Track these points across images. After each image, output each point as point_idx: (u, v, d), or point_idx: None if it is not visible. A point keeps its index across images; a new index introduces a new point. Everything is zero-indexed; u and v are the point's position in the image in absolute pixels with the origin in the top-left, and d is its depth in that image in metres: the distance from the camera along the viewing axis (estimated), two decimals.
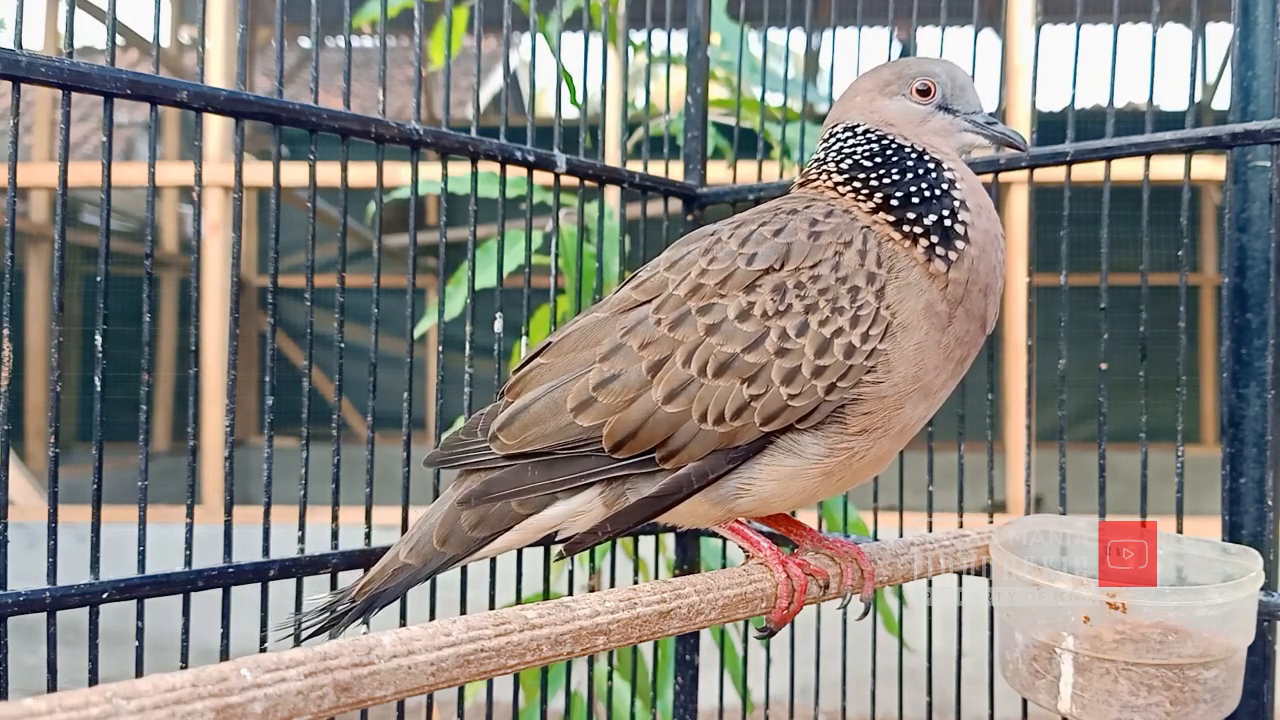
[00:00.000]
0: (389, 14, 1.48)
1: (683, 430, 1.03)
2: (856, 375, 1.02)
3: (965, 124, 1.17)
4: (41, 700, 0.60)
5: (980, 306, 1.09)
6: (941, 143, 1.16)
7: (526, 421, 1.08)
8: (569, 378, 1.08)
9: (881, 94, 1.18)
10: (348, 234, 1.37)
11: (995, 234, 1.11)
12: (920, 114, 1.16)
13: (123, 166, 5.40)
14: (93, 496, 1.12)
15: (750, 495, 1.06)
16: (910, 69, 1.18)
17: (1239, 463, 1.31)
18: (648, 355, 1.05)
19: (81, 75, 1.08)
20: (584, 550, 1.10)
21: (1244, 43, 1.35)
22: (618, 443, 1.04)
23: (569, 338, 1.13)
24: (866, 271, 1.04)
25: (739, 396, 1.02)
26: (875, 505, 1.63)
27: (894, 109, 1.17)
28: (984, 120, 1.18)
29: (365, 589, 1.12)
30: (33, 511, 4.63)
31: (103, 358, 1.13)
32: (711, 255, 1.09)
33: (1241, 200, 1.33)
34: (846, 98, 1.21)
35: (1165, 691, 1.06)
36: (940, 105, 1.17)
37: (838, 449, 1.04)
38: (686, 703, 1.70)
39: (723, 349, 1.03)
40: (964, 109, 1.18)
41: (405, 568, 1.11)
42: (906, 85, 1.17)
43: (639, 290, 1.11)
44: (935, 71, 1.17)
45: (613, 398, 1.05)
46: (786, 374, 1.02)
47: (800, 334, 1.02)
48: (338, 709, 0.74)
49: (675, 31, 1.81)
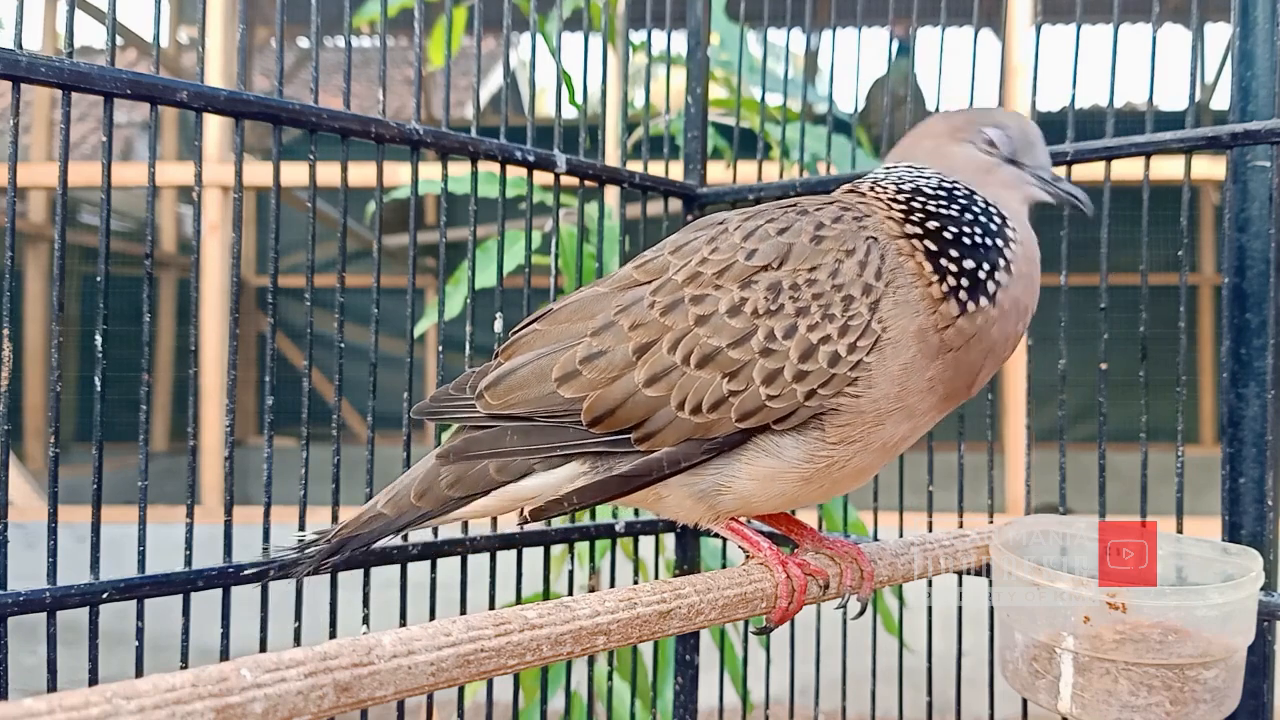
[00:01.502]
0: (389, 14, 1.48)
1: (659, 415, 1.04)
2: (838, 385, 1.02)
3: (1031, 179, 1.17)
4: (41, 700, 0.60)
5: (976, 365, 1.07)
6: (1008, 196, 1.15)
7: (512, 384, 1.09)
8: (559, 347, 1.09)
9: (951, 139, 1.17)
10: (350, 234, 1.37)
11: (1025, 305, 1.10)
12: (987, 164, 1.16)
13: (121, 166, 5.40)
14: (92, 496, 1.12)
15: (731, 493, 1.07)
16: (983, 119, 1.17)
17: (1238, 463, 1.31)
18: (636, 337, 1.06)
19: (81, 75, 1.08)
20: (548, 517, 1.10)
21: (1243, 43, 1.35)
22: (596, 418, 1.05)
23: (566, 307, 1.14)
24: (864, 282, 1.03)
25: (718, 390, 1.03)
26: (875, 505, 1.63)
27: (961, 156, 1.16)
28: (1050, 178, 1.18)
29: (340, 533, 1.12)
30: (32, 511, 4.63)
31: (102, 358, 1.13)
32: (715, 245, 1.09)
33: (1241, 200, 1.33)
34: (915, 138, 1.21)
35: (1165, 691, 1.06)
36: (1008, 158, 1.16)
37: (817, 456, 1.04)
38: (686, 703, 1.70)
39: (709, 341, 1.04)
40: (1031, 164, 1.17)
41: (379, 516, 1.11)
42: (977, 133, 1.16)
43: (641, 270, 1.12)
44: (1006, 123, 1.17)
45: (597, 373, 1.06)
46: (768, 374, 1.02)
47: (787, 336, 1.02)
48: (338, 709, 0.74)
49: (675, 32, 1.81)
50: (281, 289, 1.26)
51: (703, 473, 1.06)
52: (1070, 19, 1.52)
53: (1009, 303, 1.07)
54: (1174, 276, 1.39)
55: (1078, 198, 1.17)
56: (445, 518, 1.12)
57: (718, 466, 1.06)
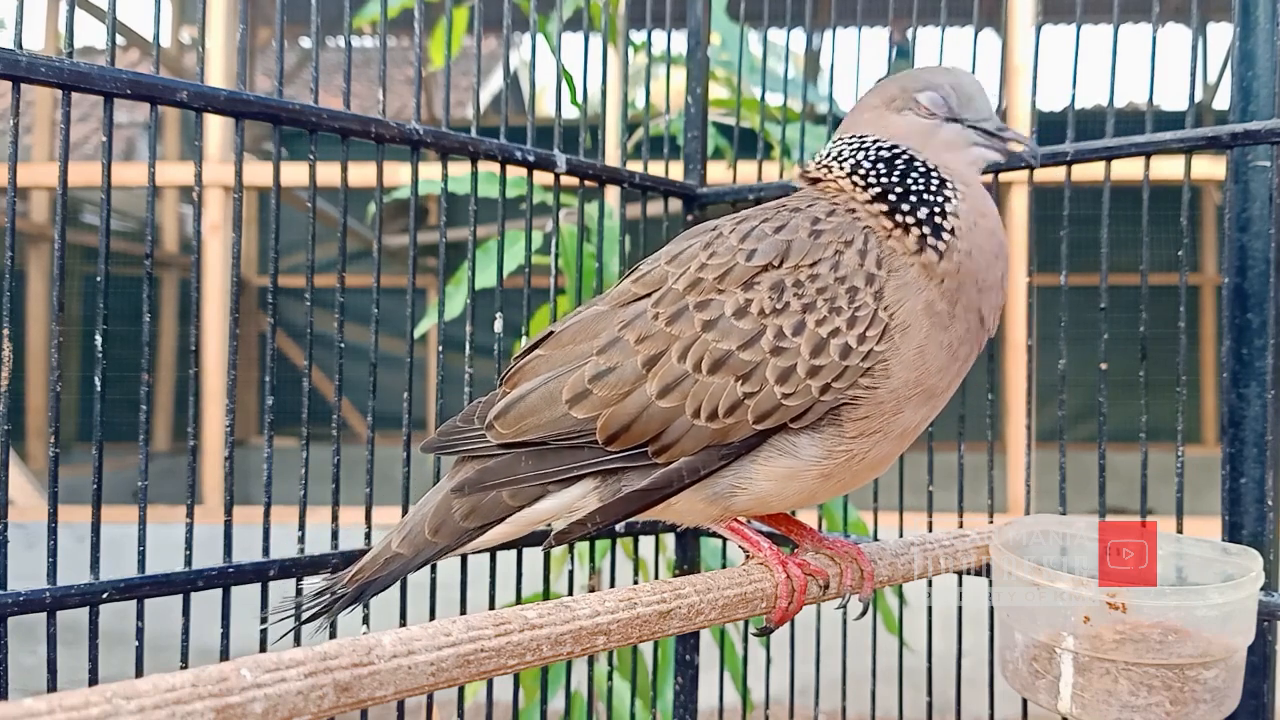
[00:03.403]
0: (390, 14, 1.48)
1: (676, 425, 1.03)
2: (852, 376, 1.01)
3: (974, 136, 1.15)
4: (41, 700, 0.60)
5: (975, 300, 1.08)
6: (953, 158, 1.14)
7: (522, 411, 1.08)
8: (566, 369, 1.08)
9: (888, 109, 1.16)
10: (350, 234, 1.38)
11: (991, 230, 1.10)
12: (928, 128, 1.14)
13: (123, 166, 5.41)
14: (92, 496, 1.13)
15: (746, 494, 1.06)
16: (914, 82, 1.15)
17: (1239, 463, 1.31)
18: (644, 349, 1.05)
19: (81, 75, 1.08)
20: (573, 540, 1.09)
21: (1244, 42, 1.35)
22: (611, 435, 1.04)
23: (568, 329, 1.13)
24: (866, 272, 1.04)
25: (733, 393, 1.02)
26: (875, 505, 1.63)
27: (901, 125, 1.14)
28: (994, 128, 1.15)
29: (357, 577, 1.12)
30: (33, 511, 4.63)
31: (103, 358, 1.13)
32: (712, 250, 1.09)
33: (1242, 200, 1.33)
34: (854, 114, 1.20)
35: (1165, 691, 1.06)
36: (948, 117, 1.14)
37: (836, 451, 1.04)
38: (686, 703, 1.70)
39: (718, 345, 1.03)
40: (972, 117, 1.15)
41: (397, 557, 1.10)
42: (911, 100, 1.14)
43: (639, 284, 1.11)
44: (939, 82, 1.15)
45: (608, 390, 1.05)
46: (781, 373, 1.02)
47: (796, 333, 1.02)
48: (338, 709, 0.74)
49: (676, 31, 1.81)
50: (283, 289, 1.26)
51: (718, 477, 1.06)
52: (1071, 19, 1.52)
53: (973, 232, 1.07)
54: (1174, 276, 1.39)
55: (1020, 143, 1.15)
56: (463, 549, 1.12)
57: (733, 469, 1.05)
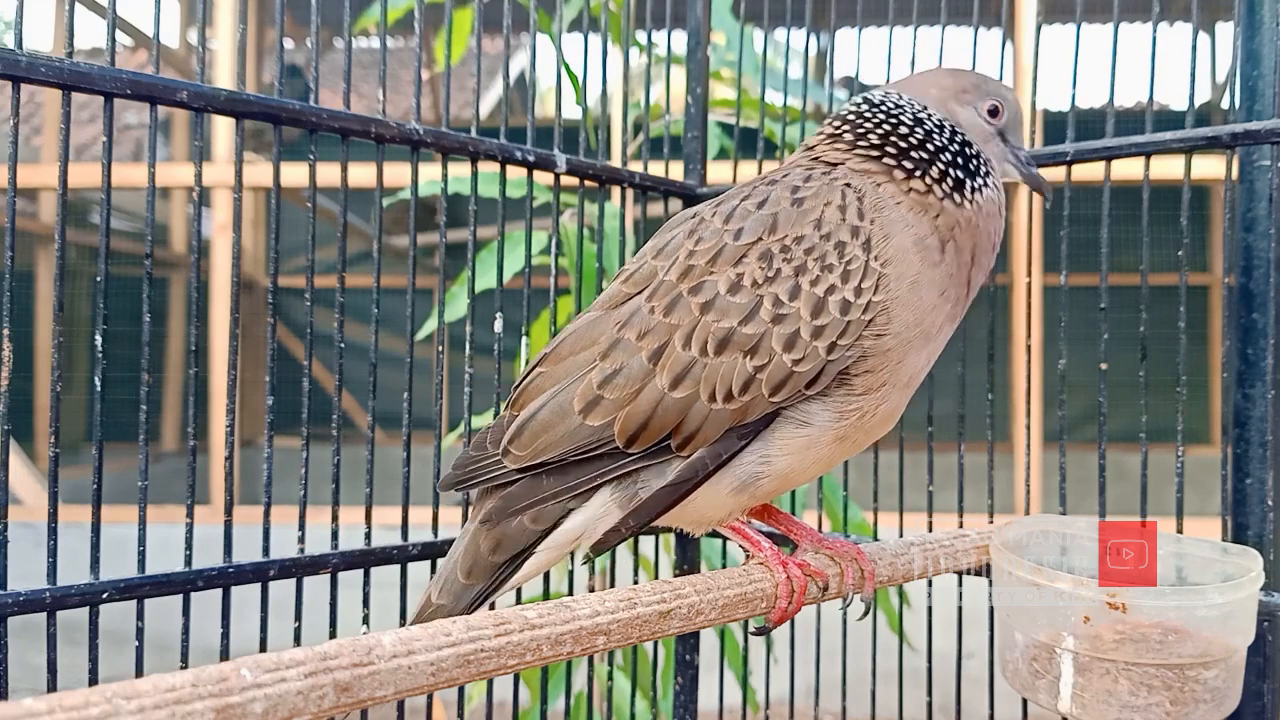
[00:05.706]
0: (396, 16, 1.49)
1: (694, 413, 1.02)
2: (856, 330, 1.01)
3: (1011, 157, 1.21)
4: (41, 700, 0.60)
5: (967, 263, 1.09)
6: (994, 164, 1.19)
7: (535, 430, 1.07)
8: (572, 380, 1.07)
9: (956, 100, 1.18)
10: (355, 235, 1.38)
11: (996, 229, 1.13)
12: (985, 132, 1.18)
13: (131, 167, 5.41)
14: (93, 496, 1.13)
15: (770, 475, 1.05)
16: (987, 85, 1.19)
17: (1244, 463, 1.31)
18: (647, 344, 1.04)
19: (81, 75, 1.08)
20: (609, 549, 1.08)
21: (1248, 42, 1.34)
22: (631, 436, 1.03)
23: (565, 343, 1.12)
24: (850, 225, 1.04)
25: (744, 371, 1.01)
26: (875, 505, 1.62)
27: (963, 116, 1.18)
28: (1025, 158, 1.22)
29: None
30: (41, 511, 4.65)
31: (104, 358, 1.14)
32: (697, 236, 1.08)
33: (1248, 200, 1.32)
34: (920, 84, 1.21)
35: (1165, 691, 1.05)
36: (1000, 131, 1.20)
37: (848, 411, 1.03)
38: (686, 703, 1.70)
39: (720, 325, 1.03)
40: (1015, 143, 1.22)
41: (440, 609, 1.08)
42: (981, 100, 1.18)
43: (629, 283, 1.11)
44: (1007, 98, 1.20)
45: (618, 392, 1.04)
46: (786, 340, 1.01)
47: (794, 297, 1.02)
48: (338, 709, 0.74)
49: (677, 32, 1.81)
50: (288, 289, 1.26)
51: (739, 462, 1.05)
52: (1072, 19, 1.51)
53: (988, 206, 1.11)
54: (1175, 276, 1.38)
55: (1041, 183, 1.23)
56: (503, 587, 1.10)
57: (754, 452, 1.05)
